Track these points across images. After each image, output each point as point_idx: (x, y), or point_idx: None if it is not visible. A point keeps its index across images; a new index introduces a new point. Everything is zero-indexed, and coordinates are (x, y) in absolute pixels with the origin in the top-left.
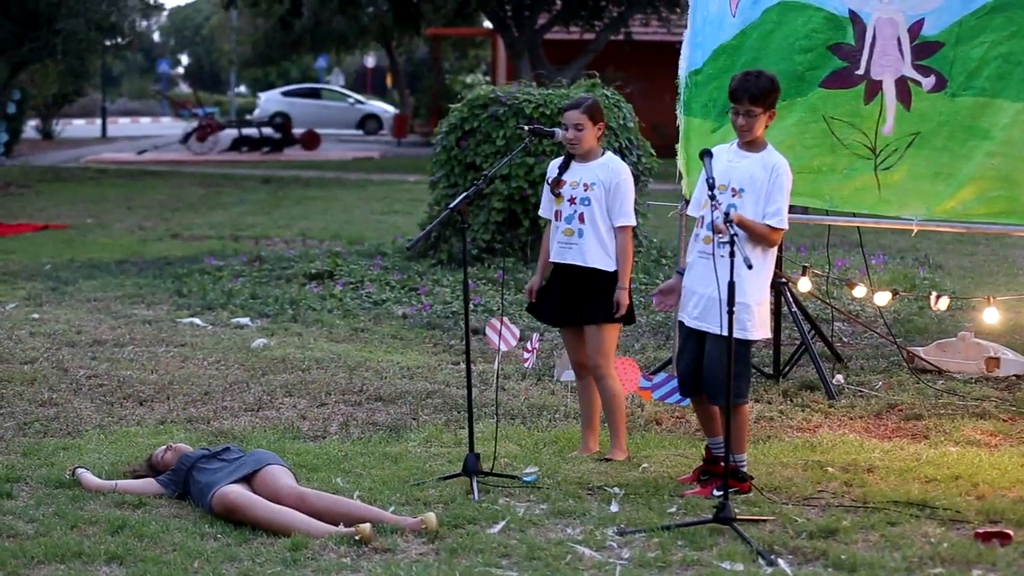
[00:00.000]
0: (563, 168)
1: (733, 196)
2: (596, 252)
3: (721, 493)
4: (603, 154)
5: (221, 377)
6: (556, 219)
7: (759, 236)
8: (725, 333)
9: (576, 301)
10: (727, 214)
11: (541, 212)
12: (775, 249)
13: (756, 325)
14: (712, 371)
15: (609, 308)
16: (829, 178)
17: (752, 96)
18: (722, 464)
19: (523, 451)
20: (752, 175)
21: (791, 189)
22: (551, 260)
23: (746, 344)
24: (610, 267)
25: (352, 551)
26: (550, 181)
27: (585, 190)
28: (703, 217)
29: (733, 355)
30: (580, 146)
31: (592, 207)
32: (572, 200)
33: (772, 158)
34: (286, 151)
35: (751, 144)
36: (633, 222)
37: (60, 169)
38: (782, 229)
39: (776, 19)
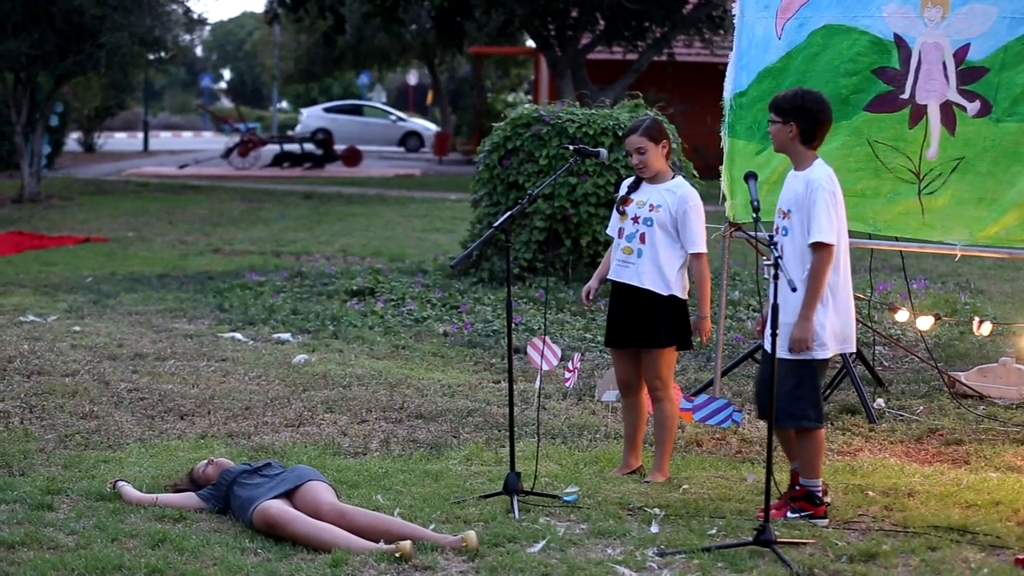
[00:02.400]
0: (632, 187)
1: (783, 218)
2: (652, 274)
3: (795, 515)
4: (673, 177)
5: (262, 392)
6: (618, 236)
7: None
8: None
9: (629, 322)
10: (771, 236)
11: (608, 230)
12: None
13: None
14: (758, 390)
15: (668, 332)
16: (873, 202)
17: (769, 105)
18: (800, 487)
19: (564, 470)
20: (796, 193)
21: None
22: (609, 277)
23: (801, 364)
24: (664, 291)
25: (392, 568)
26: (618, 198)
27: (650, 211)
28: (770, 236)
29: (788, 375)
30: (647, 169)
31: (654, 228)
32: (636, 219)
33: (813, 173)
34: (328, 167)
35: (795, 164)
36: (704, 249)
37: (102, 182)
38: (827, 244)
39: (821, 42)
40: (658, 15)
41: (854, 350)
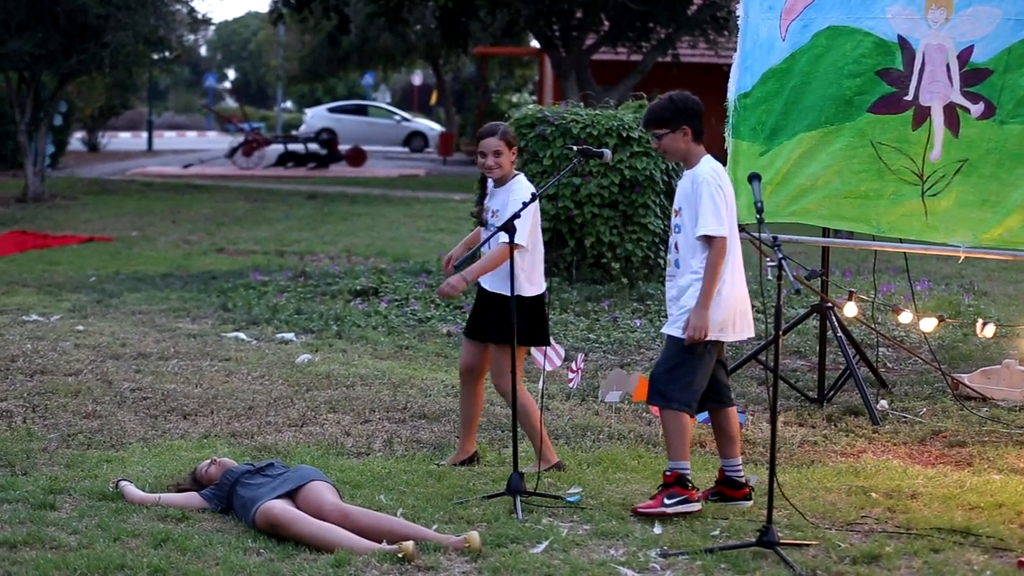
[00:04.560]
0: (482, 197)
1: (675, 216)
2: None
3: (672, 501)
4: (515, 177)
5: (265, 392)
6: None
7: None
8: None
9: (483, 318)
10: (775, 238)
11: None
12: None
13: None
14: (654, 368)
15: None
16: (876, 203)
17: (647, 122)
18: (671, 472)
19: (567, 471)
20: (684, 191)
21: (838, 213)
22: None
23: (684, 348)
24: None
25: (395, 569)
26: (477, 211)
27: (492, 217)
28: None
29: (670, 357)
30: (499, 170)
31: (498, 234)
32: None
33: (698, 169)
34: (332, 167)
35: (688, 164)
36: (523, 242)
37: (106, 182)
38: (715, 236)
39: (825, 43)
40: (662, 16)
41: (739, 338)
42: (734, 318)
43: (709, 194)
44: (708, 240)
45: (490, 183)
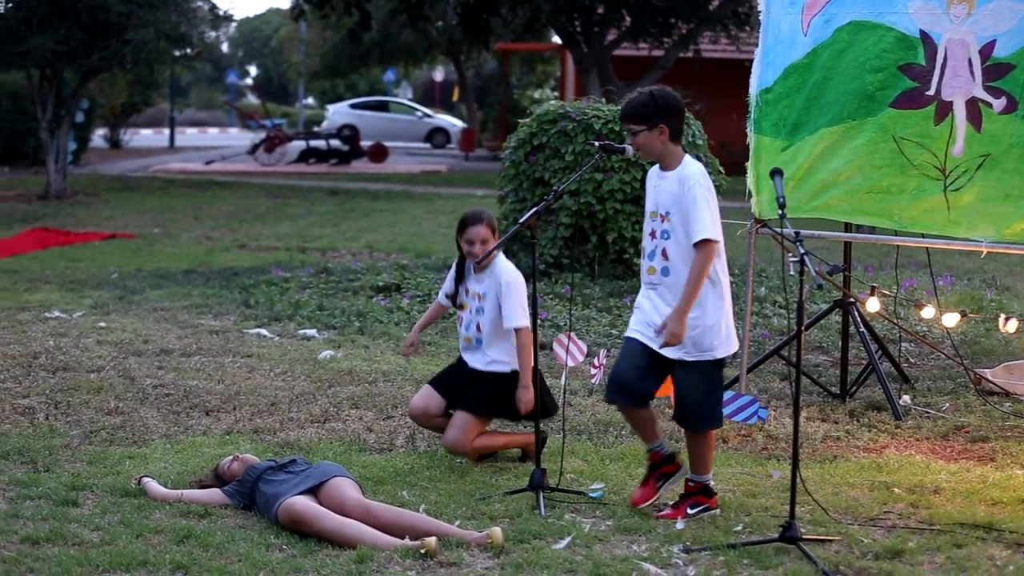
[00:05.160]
0: (458, 279)
1: (662, 221)
2: (491, 356)
3: (696, 511)
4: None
5: (287, 388)
6: (459, 323)
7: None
8: (689, 359)
9: (462, 388)
10: (797, 233)
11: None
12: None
13: (722, 342)
14: (687, 397)
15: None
16: (898, 198)
17: (625, 116)
18: (695, 482)
19: (589, 467)
20: (671, 194)
21: (860, 208)
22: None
23: (714, 365)
24: (503, 368)
25: (417, 564)
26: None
27: (479, 300)
28: (644, 248)
29: (703, 379)
30: (481, 257)
31: (485, 317)
32: (470, 310)
33: (686, 171)
34: (354, 163)
35: (664, 164)
36: (526, 323)
37: (128, 178)
38: (712, 240)
39: (847, 39)
40: (684, 11)
41: (717, 357)
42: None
43: (704, 197)
44: (703, 244)
45: (469, 265)
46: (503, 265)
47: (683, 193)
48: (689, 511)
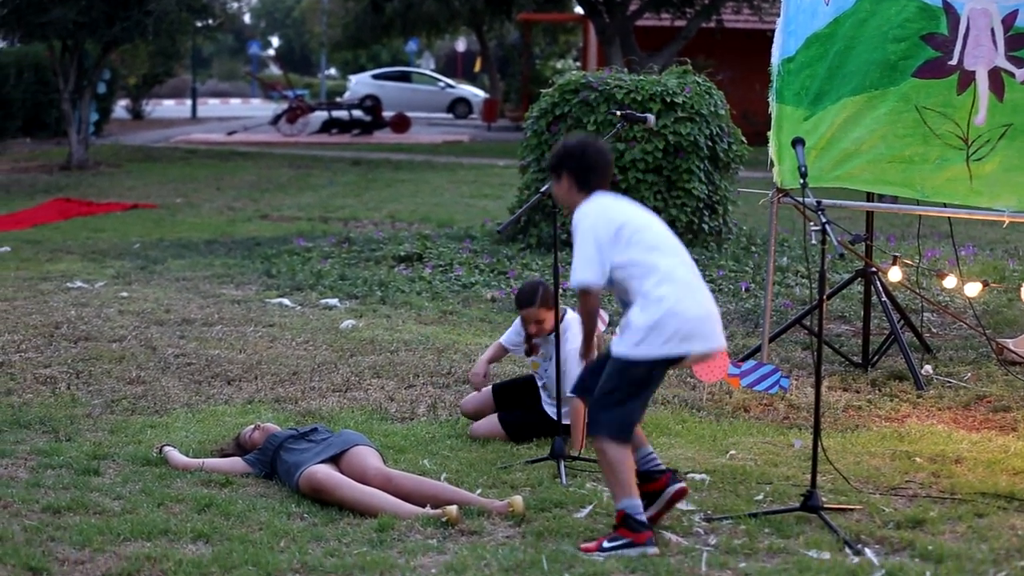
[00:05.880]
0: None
1: None
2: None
3: (612, 545)
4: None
5: (309, 357)
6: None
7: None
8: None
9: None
10: (819, 202)
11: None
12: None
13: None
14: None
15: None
16: (921, 168)
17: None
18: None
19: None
20: None
21: (883, 178)
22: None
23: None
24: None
25: (439, 533)
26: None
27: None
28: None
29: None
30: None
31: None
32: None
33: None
34: (376, 134)
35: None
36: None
37: (150, 149)
38: (581, 288)
39: (869, 8)
40: None
41: (693, 351)
42: (680, 334)
43: (579, 238)
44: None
45: None
46: (569, 321)
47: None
48: (606, 544)
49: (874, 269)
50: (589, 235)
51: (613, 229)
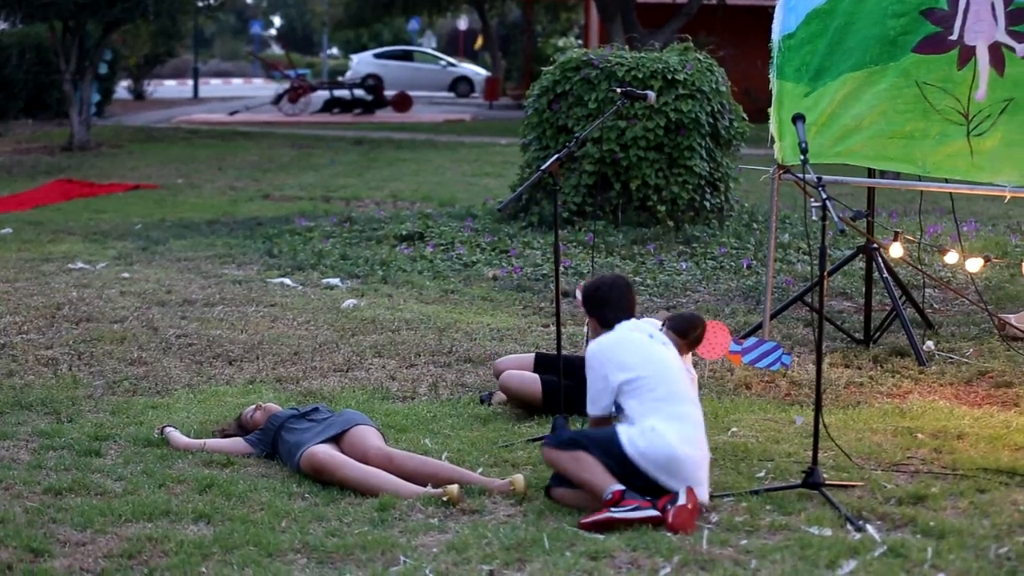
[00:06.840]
0: None
1: None
2: None
3: (621, 511)
4: None
5: (311, 337)
6: None
7: None
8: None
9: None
10: (819, 178)
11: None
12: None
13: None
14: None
15: None
16: (921, 143)
17: None
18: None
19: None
20: None
21: (884, 154)
22: None
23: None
24: None
25: (440, 512)
26: None
27: None
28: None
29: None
30: None
31: None
32: None
33: None
34: (378, 113)
35: None
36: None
37: (152, 129)
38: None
39: None
40: None
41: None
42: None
43: (589, 375)
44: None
45: None
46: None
47: None
48: (614, 510)
49: (875, 245)
50: (598, 373)
51: (615, 383)
